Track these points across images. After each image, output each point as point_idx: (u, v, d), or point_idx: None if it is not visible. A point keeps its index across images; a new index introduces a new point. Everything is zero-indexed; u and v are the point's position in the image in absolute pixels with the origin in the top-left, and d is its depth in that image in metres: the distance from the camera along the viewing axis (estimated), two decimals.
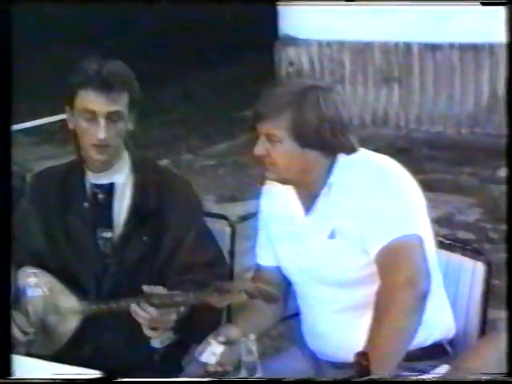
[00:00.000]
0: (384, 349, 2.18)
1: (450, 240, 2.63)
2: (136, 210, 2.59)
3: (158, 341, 2.49)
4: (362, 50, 8.54)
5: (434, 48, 8.23)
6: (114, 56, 2.65)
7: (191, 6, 11.97)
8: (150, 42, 12.06)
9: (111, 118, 2.50)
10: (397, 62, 8.47)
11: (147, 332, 2.42)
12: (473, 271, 2.54)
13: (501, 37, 2.45)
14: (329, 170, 2.40)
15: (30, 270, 2.61)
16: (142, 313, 2.36)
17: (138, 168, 2.64)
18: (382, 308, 2.22)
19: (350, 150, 2.39)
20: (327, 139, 2.34)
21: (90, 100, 2.49)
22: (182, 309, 2.41)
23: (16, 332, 2.51)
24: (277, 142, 2.35)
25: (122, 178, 2.62)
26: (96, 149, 2.53)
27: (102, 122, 2.49)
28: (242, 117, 8.40)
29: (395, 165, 2.43)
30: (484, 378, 2.09)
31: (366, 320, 2.26)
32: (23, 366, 2.22)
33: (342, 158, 2.40)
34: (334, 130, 2.34)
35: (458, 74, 8.26)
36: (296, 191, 2.48)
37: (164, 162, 6.00)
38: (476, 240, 5.16)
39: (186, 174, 5.47)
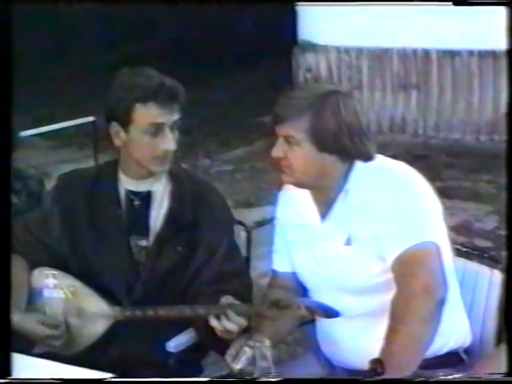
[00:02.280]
0: (400, 356, 2.16)
1: (467, 248, 2.62)
2: (172, 220, 2.58)
3: (172, 345, 2.50)
4: (381, 56, 8.54)
5: (452, 55, 8.22)
6: (132, 62, 2.65)
7: (209, 11, 12.02)
8: (168, 47, 12.10)
9: (172, 127, 2.51)
10: (415, 69, 8.48)
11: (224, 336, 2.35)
12: (490, 279, 2.53)
13: None
14: (345, 176, 2.39)
15: (47, 270, 2.61)
16: (229, 323, 2.30)
17: (175, 177, 2.63)
18: (398, 315, 2.21)
19: (368, 156, 2.38)
20: (345, 144, 2.34)
21: (156, 113, 2.47)
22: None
23: (41, 329, 2.51)
24: (295, 144, 2.34)
25: (160, 187, 2.61)
26: (159, 160, 2.52)
27: (169, 133, 2.49)
28: (260, 122, 8.42)
29: (412, 171, 2.42)
30: (484, 378, 2.08)
31: (381, 327, 2.25)
32: (23, 365, 2.24)
33: (359, 165, 2.39)
34: (353, 136, 2.34)
35: (476, 81, 8.24)
36: (312, 197, 2.47)
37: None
38: (493, 248, 5.13)
39: None
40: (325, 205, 2.43)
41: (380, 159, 2.43)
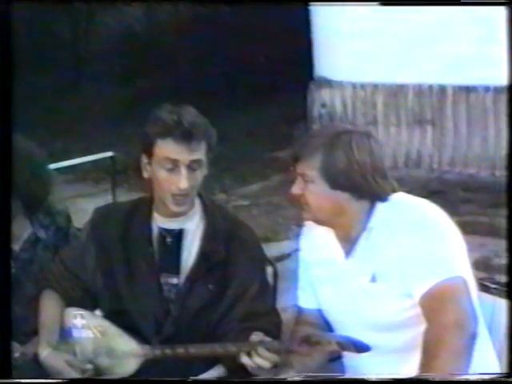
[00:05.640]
0: None
1: (494, 284, 2.61)
2: (204, 258, 2.56)
3: None
4: (396, 92, 8.57)
5: (468, 90, 8.24)
6: (147, 96, 2.65)
7: (224, 46, 12.12)
8: (183, 82, 12.18)
9: (191, 166, 2.48)
10: (430, 104, 8.50)
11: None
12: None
13: None
14: (368, 215, 2.41)
15: (75, 311, 2.59)
16: (260, 359, 2.30)
17: (208, 215, 2.62)
18: (430, 351, 2.19)
19: (381, 195, 2.40)
20: (357, 182, 2.37)
21: (171, 149, 2.46)
22: None
23: (68, 370, 2.50)
24: (309, 182, 2.40)
25: (192, 225, 2.61)
26: (175, 199, 2.51)
27: (184, 171, 2.47)
28: (275, 157, 8.44)
29: (434, 208, 2.42)
30: (484, 378, 2.10)
31: (411, 363, 2.25)
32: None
33: (381, 203, 2.41)
34: (365, 174, 2.36)
35: (491, 117, 8.26)
36: (335, 234, 2.49)
37: None
38: None
39: None
40: (348, 242, 2.44)
41: (402, 196, 2.45)
